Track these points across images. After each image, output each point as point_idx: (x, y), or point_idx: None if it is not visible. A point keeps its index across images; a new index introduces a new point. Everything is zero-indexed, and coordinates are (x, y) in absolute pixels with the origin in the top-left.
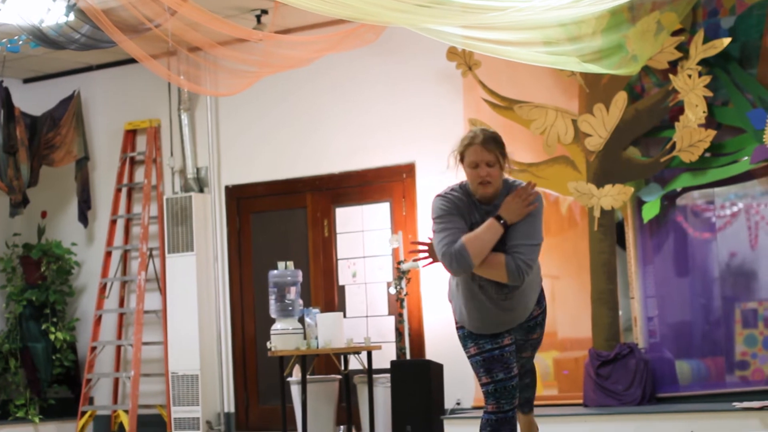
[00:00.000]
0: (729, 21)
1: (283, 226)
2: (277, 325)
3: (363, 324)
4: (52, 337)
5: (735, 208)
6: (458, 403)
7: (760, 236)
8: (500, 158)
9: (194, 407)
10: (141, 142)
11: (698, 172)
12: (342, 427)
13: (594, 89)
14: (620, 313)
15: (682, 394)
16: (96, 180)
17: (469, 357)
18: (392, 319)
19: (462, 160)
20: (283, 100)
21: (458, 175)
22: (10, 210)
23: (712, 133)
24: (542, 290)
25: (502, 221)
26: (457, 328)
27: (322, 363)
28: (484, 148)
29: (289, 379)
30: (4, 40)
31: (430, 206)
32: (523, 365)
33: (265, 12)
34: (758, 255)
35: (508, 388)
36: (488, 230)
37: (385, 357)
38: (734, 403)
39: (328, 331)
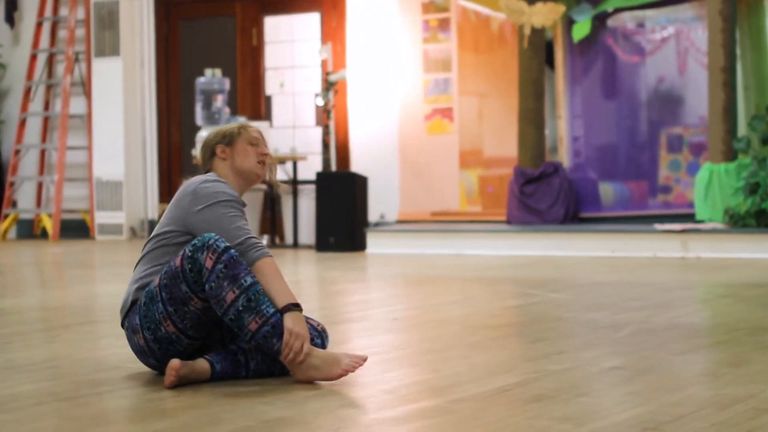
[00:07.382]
0: None
1: (211, 33)
2: (203, 133)
3: (289, 135)
4: None
5: (665, 33)
6: (382, 217)
7: (689, 62)
8: None
9: (118, 213)
10: None
11: None
12: (266, 236)
13: None
14: (546, 132)
15: (605, 215)
16: None
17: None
18: (319, 130)
19: (231, 143)
20: None
21: None
22: None
23: None
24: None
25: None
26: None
27: None
28: (259, 134)
29: None
30: None
31: (196, 193)
32: None
33: None
34: (686, 81)
35: None
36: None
37: (310, 168)
38: (656, 226)
39: None
